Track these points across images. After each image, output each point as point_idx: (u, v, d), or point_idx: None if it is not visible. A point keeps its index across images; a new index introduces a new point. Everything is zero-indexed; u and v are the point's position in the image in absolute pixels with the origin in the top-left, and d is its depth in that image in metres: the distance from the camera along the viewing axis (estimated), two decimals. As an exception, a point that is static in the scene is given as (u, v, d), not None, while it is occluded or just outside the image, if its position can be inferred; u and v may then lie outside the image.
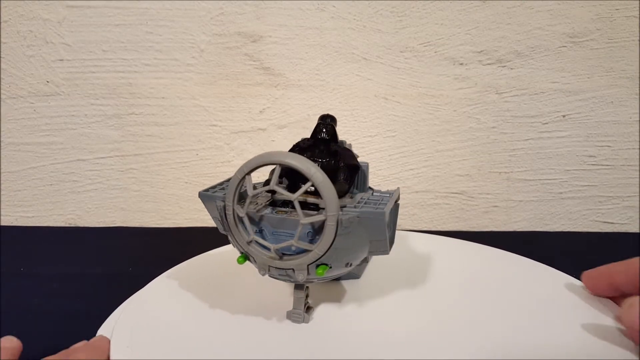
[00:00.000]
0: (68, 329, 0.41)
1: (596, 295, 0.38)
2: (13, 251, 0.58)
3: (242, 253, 0.33)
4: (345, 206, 0.31)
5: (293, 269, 0.31)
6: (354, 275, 0.40)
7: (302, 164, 0.29)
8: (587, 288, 0.39)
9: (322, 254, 0.30)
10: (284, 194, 0.30)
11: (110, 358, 0.31)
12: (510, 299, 0.38)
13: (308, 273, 0.31)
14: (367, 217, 0.30)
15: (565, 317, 0.35)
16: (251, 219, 0.32)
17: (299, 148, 0.34)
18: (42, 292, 0.48)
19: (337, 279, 0.41)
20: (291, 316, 0.35)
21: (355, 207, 0.31)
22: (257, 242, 0.31)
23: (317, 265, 0.30)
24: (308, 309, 0.35)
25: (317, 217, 0.29)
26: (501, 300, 0.38)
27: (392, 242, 0.34)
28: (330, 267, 0.31)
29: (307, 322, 0.34)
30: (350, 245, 0.30)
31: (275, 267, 0.31)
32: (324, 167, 0.33)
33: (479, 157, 0.66)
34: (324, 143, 0.34)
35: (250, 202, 0.32)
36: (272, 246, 0.31)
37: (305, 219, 0.29)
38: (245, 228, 0.31)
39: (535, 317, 0.35)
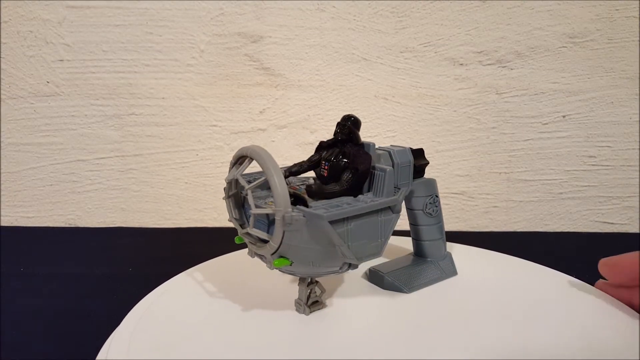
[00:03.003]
0: (68, 329, 0.41)
1: (614, 284, 0.37)
2: (13, 251, 0.58)
3: None
4: (308, 205, 0.31)
5: (264, 256, 0.32)
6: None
7: (261, 159, 0.31)
8: (605, 276, 0.37)
9: (276, 246, 0.31)
10: (242, 183, 0.32)
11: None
12: (511, 299, 0.38)
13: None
14: (309, 218, 0.30)
15: (565, 317, 0.35)
16: (246, 204, 0.34)
17: (321, 145, 0.36)
18: (42, 292, 0.48)
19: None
20: (295, 304, 0.36)
21: (316, 207, 0.31)
22: (233, 222, 0.34)
23: (279, 257, 0.32)
24: (315, 303, 0.36)
25: (266, 210, 0.30)
26: (501, 301, 0.38)
27: (371, 254, 0.33)
28: (293, 263, 0.32)
29: (307, 314, 0.36)
30: (304, 243, 0.31)
31: (255, 252, 0.33)
32: (332, 166, 0.34)
33: (479, 158, 0.66)
34: (342, 143, 0.35)
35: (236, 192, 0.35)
36: (239, 228, 0.33)
37: (255, 210, 0.30)
38: (230, 210, 0.35)
39: (535, 318, 0.35)
